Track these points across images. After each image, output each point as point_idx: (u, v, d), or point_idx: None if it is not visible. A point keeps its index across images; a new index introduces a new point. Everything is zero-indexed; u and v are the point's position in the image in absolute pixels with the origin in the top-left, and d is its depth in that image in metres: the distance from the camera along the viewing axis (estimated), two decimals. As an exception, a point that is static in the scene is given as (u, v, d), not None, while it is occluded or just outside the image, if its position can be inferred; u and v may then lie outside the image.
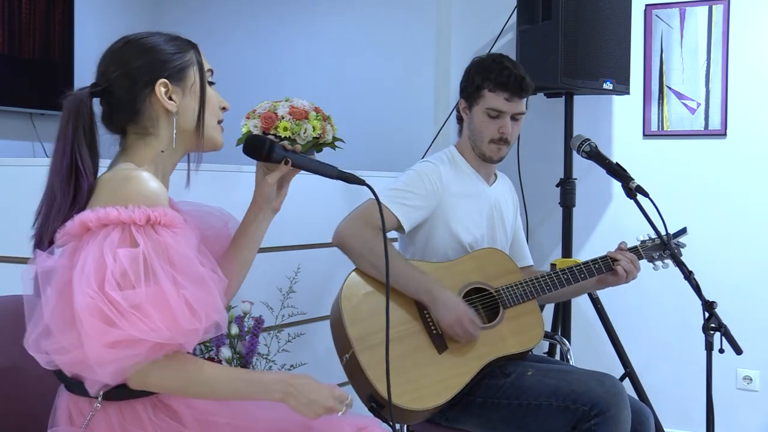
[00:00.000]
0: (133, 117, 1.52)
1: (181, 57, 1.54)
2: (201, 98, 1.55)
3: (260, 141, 1.65)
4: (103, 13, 4.14)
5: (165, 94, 1.51)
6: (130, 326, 1.33)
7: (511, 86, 2.38)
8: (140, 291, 1.35)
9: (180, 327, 1.37)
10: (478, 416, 2.26)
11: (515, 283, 2.35)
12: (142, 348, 1.34)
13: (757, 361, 3.34)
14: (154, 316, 1.34)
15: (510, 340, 2.30)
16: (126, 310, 1.33)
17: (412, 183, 2.37)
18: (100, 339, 1.32)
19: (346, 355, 2.20)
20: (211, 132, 1.58)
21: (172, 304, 1.36)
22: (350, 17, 3.91)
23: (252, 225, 1.72)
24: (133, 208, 1.39)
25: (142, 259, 1.36)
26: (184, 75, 1.53)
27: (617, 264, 2.36)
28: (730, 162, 3.45)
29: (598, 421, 2.09)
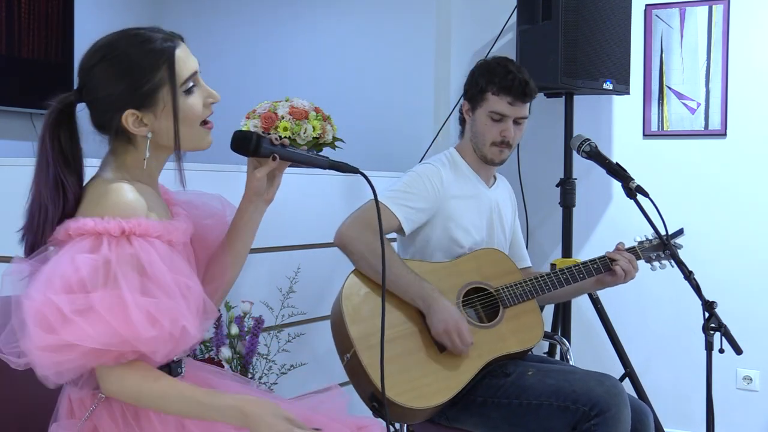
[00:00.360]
0: (112, 134, 1.53)
1: (151, 78, 1.48)
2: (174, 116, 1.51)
3: (246, 137, 1.62)
4: (103, 13, 4.14)
5: (134, 123, 1.49)
6: (68, 332, 1.34)
7: (514, 90, 2.38)
8: (95, 295, 1.36)
9: (135, 332, 1.36)
10: (478, 415, 2.26)
11: (515, 283, 2.35)
12: (76, 353, 1.35)
13: (757, 361, 3.34)
14: (105, 320, 1.35)
15: (510, 339, 2.31)
16: (68, 316, 1.34)
17: (413, 184, 2.37)
18: (34, 342, 1.35)
19: (347, 354, 2.20)
20: (191, 144, 1.56)
21: (129, 310, 1.36)
22: (350, 17, 3.90)
23: (244, 217, 1.71)
24: (108, 220, 1.41)
25: (103, 265, 1.38)
26: (154, 100, 1.49)
27: (615, 264, 2.37)
28: (730, 162, 3.45)
29: (598, 421, 2.09)
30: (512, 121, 2.42)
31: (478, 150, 2.46)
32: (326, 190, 2.98)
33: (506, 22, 3.61)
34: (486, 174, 2.53)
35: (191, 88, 1.53)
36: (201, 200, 1.75)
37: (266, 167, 1.64)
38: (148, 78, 1.48)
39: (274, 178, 1.70)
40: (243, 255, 1.74)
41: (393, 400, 2.11)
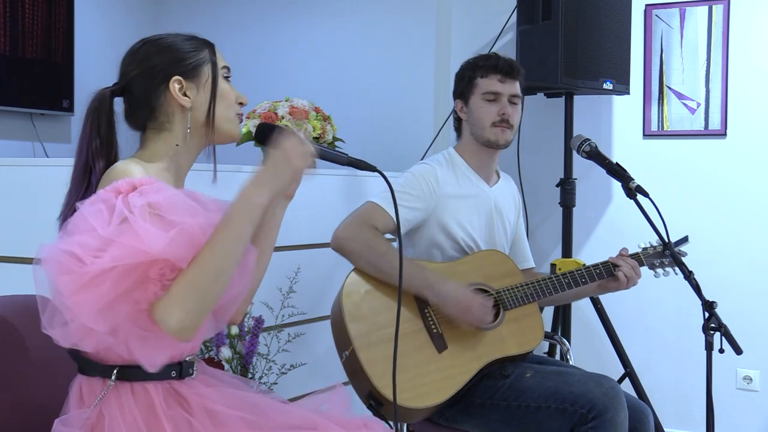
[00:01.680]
0: (150, 113, 1.58)
1: (195, 55, 1.59)
2: (212, 92, 1.59)
3: (269, 128, 1.66)
4: (103, 14, 4.14)
5: (179, 91, 1.56)
6: (90, 266, 1.35)
7: (501, 67, 2.43)
8: (107, 230, 1.38)
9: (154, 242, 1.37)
10: (477, 417, 2.26)
11: (516, 285, 2.35)
12: (108, 281, 1.35)
13: (757, 361, 3.34)
14: (121, 242, 1.36)
15: (510, 341, 2.31)
16: (84, 255, 1.36)
17: (408, 184, 2.37)
18: (66, 292, 1.36)
19: (345, 352, 2.20)
20: (225, 124, 1.62)
21: (138, 228, 1.37)
22: (350, 17, 3.90)
23: (266, 213, 1.69)
24: (116, 183, 1.44)
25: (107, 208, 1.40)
26: (198, 72, 1.59)
27: (618, 270, 2.36)
28: (730, 162, 3.45)
29: (596, 423, 2.09)
30: (507, 100, 2.43)
31: (480, 137, 2.45)
32: (326, 190, 2.98)
33: (506, 22, 3.61)
34: (487, 172, 2.52)
35: (227, 77, 1.65)
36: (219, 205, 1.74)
37: None
38: (193, 54, 1.60)
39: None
40: (268, 253, 1.77)
41: (390, 399, 2.11)
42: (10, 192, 2.32)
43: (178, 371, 1.56)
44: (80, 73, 3.80)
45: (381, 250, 2.23)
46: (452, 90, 2.56)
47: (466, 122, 2.49)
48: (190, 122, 1.58)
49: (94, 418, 1.48)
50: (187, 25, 4.26)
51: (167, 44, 1.60)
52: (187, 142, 1.59)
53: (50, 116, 3.78)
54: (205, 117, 1.59)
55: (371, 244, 2.24)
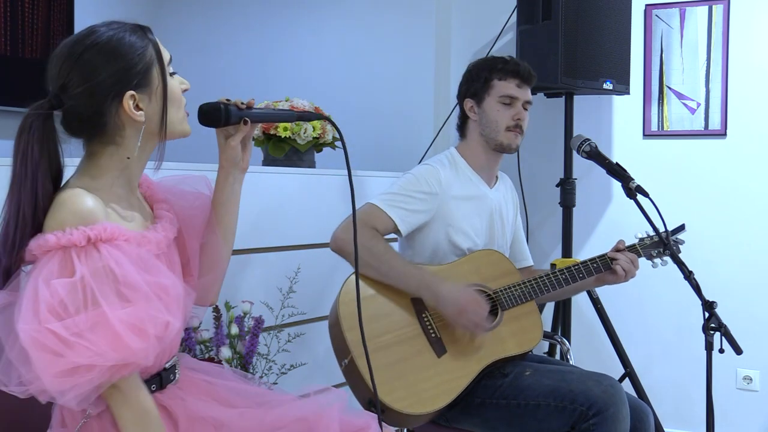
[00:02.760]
0: (99, 129, 1.46)
1: (142, 57, 1.46)
2: (164, 100, 1.48)
3: (215, 110, 1.58)
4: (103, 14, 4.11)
5: (133, 107, 1.45)
6: (75, 355, 1.31)
7: (521, 73, 2.44)
8: (80, 318, 1.32)
9: (128, 347, 1.34)
10: (477, 416, 2.26)
11: (513, 285, 2.34)
12: (95, 372, 1.33)
13: (757, 361, 3.34)
14: (98, 341, 1.32)
15: (509, 341, 2.30)
16: (68, 339, 1.31)
17: (409, 186, 2.36)
18: (50, 370, 1.31)
19: (345, 360, 2.19)
20: (178, 126, 1.53)
21: (116, 329, 1.33)
22: (350, 17, 3.90)
23: (225, 189, 1.67)
24: (71, 231, 1.36)
25: (81, 287, 1.34)
26: (149, 79, 1.47)
27: (616, 263, 2.36)
28: (730, 162, 3.45)
29: (596, 420, 2.09)
30: (522, 106, 2.45)
31: (492, 140, 2.45)
32: (326, 190, 2.98)
33: (506, 22, 3.61)
34: (488, 174, 2.52)
35: (173, 72, 1.53)
36: (186, 186, 1.71)
37: (240, 134, 1.61)
38: (140, 56, 1.46)
39: (245, 144, 1.66)
40: (232, 230, 1.71)
41: (391, 406, 2.11)
42: (10, 192, 2.32)
43: (158, 383, 1.54)
44: (80, 73, 3.79)
45: (379, 252, 2.23)
46: (459, 88, 2.53)
47: (476, 122, 2.48)
48: (143, 135, 1.47)
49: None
50: (186, 25, 4.27)
51: (112, 49, 1.44)
52: (139, 152, 1.50)
53: (50, 116, 3.78)
54: (158, 126, 1.49)
55: (369, 246, 2.23)
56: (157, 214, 1.61)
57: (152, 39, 1.50)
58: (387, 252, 2.24)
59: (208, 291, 1.70)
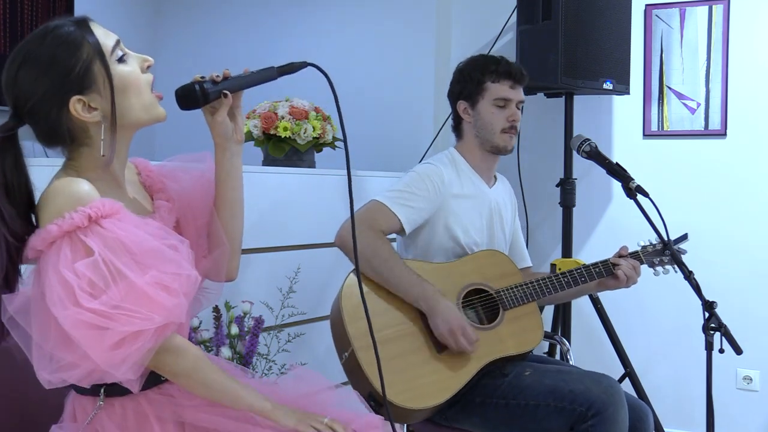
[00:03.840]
0: (66, 137, 1.45)
1: (79, 58, 1.42)
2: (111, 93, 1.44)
3: (190, 91, 1.52)
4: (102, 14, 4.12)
5: (83, 110, 1.43)
6: (121, 325, 1.33)
7: (513, 74, 2.44)
8: (113, 292, 1.35)
9: (164, 307, 1.37)
10: (476, 416, 2.26)
11: (515, 285, 2.35)
12: (145, 338, 1.35)
13: (757, 361, 3.34)
14: (136, 308, 1.35)
15: (509, 341, 2.30)
16: (110, 313, 1.33)
17: (413, 184, 2.37)
18: (101, 345, 1.33)
19: (345, 353, 2.20)
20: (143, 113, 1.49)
21: (147, 292, 1.36)
22: (350, 17, 3.90)
23: (224, 165, 1.65)
24: (70, 215, 1.36)
25: (102, 263, 1.35)
26: (92, 77, 1.42)
27: (618, 268, 2.37)
28: (730, 162, 3.45)
29: (596, 421, 2.09)
30: (515, 106, 2.45)
31: (487, 142, 2.45)
32: (326, 190, 2.98)
33: (506, 22, 3.61)
34: (487, 174, 2.53)
35: (122, 57, 1.47)
36: (186, 166, 1.70)
37: (223, 108, 1.58)
38: (75, 59, 1.42)
39: (235, 116, 1.63)
40: (238, 205, 1.69)
41: (390, 400, 2.11)
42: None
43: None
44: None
45: (384, 256, 2.23)
46: (451, 88, 2.53)
47: (471, 124, 2.48)
48: (104, 134, 1.44)
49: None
50: (186, 25, 4.27)
51: (43, 61, 1.41)
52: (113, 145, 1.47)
53: (50, 116, 3.78)
54: (123, 118, 1.46)
55: (374, 248, 2.24)
56: (156, 205, 1.61)
57: (88, 33, 1.45)
58: (391, 257, 2.25)
59: (220, 266, 1.68)
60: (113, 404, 1.49)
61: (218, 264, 1.67)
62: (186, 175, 1.69)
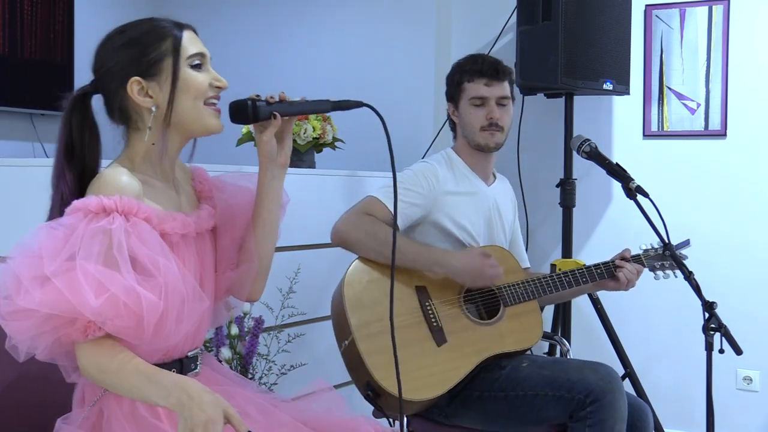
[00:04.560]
0: (121, 113, 1.54)
1: (155, 48, 1.52)
2: (172, 87, 1.52)
3: (242, 106, 1.61)
4: (103, 14, 4.14)
5: (139, 93, 1.51)
6: (20, 298, 1.36)
7: (486, 71, 2.44)
8: (48, 263, 1.37)
9: (83, 300, 1.36)
10: (476, 410, 2.27)
11: (518, 282, 2.36)
12: (33, 320, 1.36)
13: (757, 361, 3.34)
14: (54, 288, 1.35)
15: (508, 338, 2.31)
16: (22, 283, 1.36)
17: (408, 180, 2.38)
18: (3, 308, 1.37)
19: (345, 341, 2.21)
20: (196, 119, 1.55)
21: (77, 278, 1.36)
22: (350, 17, 3.90)
23: (264, 186, 1.69)
24: (90, 197, 1.43)
25: (63, 235, 1.39)
26: (159, 68, 1.51)
27: (620, 271, 2.38)
28: (730, 162, 3.45)
29: (594, 408, 2.11)
30: (495, 103, 2.44)
31: (471, 141, 2.47)
32: (326, 191, 2.99)
33: (506, 22, 3.61)
34: (484, 172, 2.53)
35: (198, 65, 1.55)
36: (238, 182, 1.75)
37: (271, 128, 1.63)
38: (153, 47, 1.52)
39: (283, 139, 1.68)
40: (271, 227, 1.72)
41: (388, 390, 2.13)
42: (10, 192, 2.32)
43: (179, 368, 1.56)
44: (80, 73, 3.80)
45: (381, 236, 2.24)
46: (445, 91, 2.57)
47: (459, 125, 2.52)
48: (152, 122, 1.52)
49: (95, 416, 1.49)
50: (187, 25, 4.27)
51: (128, 39, 1.53)
52: (163, 139, 1.54)
53: (50, 116, 3.78)
54: (175, 114, 1.53)
55: (371, 231, 2.25)
56: (200, 207, 1.66)
57: (178, 33, 1.55)
58: (390, 236, 2.25)
59: (245, 281, 1.70)
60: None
61: (243, 279, 1.69)
62: (235, 189, 1.73)
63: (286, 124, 1.66)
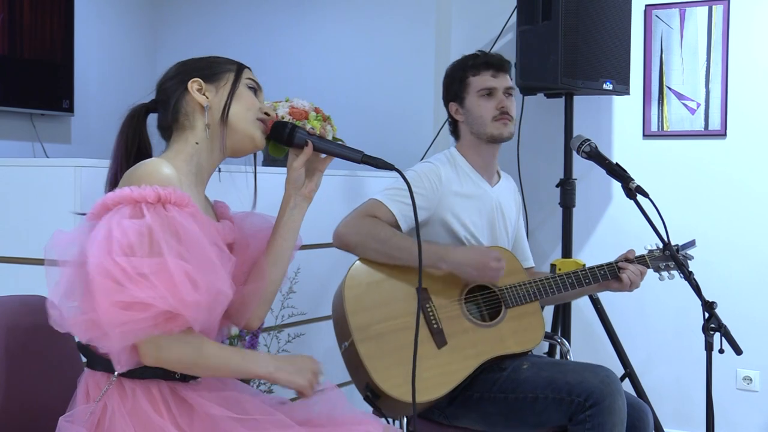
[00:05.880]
0: (173, 115, 1.63)
1: (218, 67, 1.67)
2: (231, 91, 1.64)
3: (281, 125, 1.71)
4: (103, 14, 4.14)
5: (198, 91, 1.63)
6: (138, 290, 1.38)
7: (492, 62, 2.47)
8: (145, 261, 1.40)
9: (182, 298, 1.41)
10: (476, 411, 2.27)
11: (519, 284, 2.35)
12: (150, 313, 1.39)
13: (757, 361, 3.34)
14: (157, 285, 1.39)
15: (509, 340, 2.31)
16: (133, 275, 1.39)
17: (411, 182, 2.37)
18: (110, 298, 1.38)
19: (345, 343, 2.21)
20: (242, 124, 1.65)
21: (174, 276, 1.40)
22: (350, 17, 3.91)
23: (284, 214, 1.75)
24: (144, 187, 1.46)
25: (147, 233, 1.43)
26: (219, 77, 1.65)
27: (624, 272, 2.37)
28: (730, 162, 3.45)
29: (594, 411, 2.10)
30: (503, 93, 2.46)
31: (483, 134, 2.46)
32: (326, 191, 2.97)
33: (506, 22, 3.61)
34: (488, 172, 2.53)
35: (253, 89, 1.69)
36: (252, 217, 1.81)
37: (302, 156, 1.70)
38: (216, 65, 1.68)
39: (313, 174, 1.75)
40: (283, 255, 1.76)
41: (388, 392, 2.13)
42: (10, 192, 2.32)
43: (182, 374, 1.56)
44: (80, 73, 3.80)
45: (384, 237, 2.25)
46: (443, 94, 2.57)
47: (464, 123, 2.50)
48: (208, 119, 1.61)
49: (99, 412, 1.50)
50: (185, 25, 4.27)
51: (193, 58, 1.70)
52: (207, 140, 1.62)
53: (50, 116, 3.78)
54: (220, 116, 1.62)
55: (374, 232, 2.25)
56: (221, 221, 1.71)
57: (241, 64, 1.72)
58: (393, 235, 2.26)
59: (248, 302, 1.72)
60: (124, 386, 1.52)
61: (247, 299, 1.71)
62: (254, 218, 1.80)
63: (320, 161, 1.74)
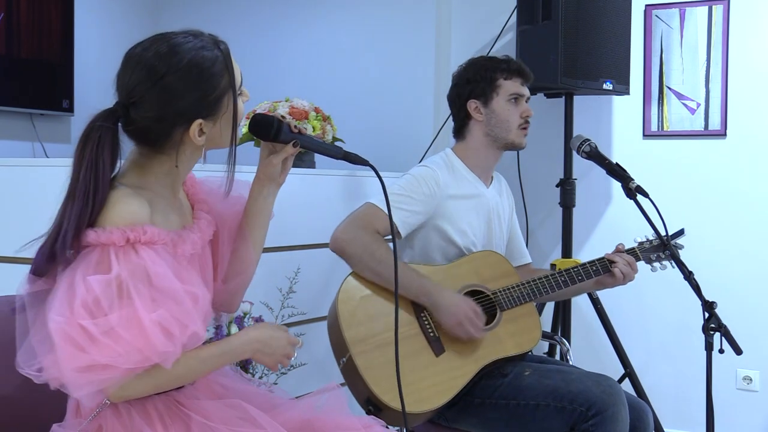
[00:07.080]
0: (158, 145, 1.50)
1: (218, 86, 1.50)
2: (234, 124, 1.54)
3: (268, 121, 1.62)
4: (103, 13, 4.14)
5: (198, 134, 1.49)
6: (99, 352, 1.34)
7: (522, 72, 2.48)
8: (112, 316, 1.35)
9: (154, 348, 1.37)
10: (476, 416, 2.26)
11: (512, 286, 2.34)
12: (114, 372, 1.36)
13: (757, 361, 3.34)
14: (126, 339, 1.35)
15: (507, 342, 2.30)
16: (95, 336, 1.34)
17: (409, 187, 2.36)
18: (70, 363, 1.34)
19: (343, 358, 2.20)
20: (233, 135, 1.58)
21: (145, 327, 1.36)
22: (350, 17, 3.91)
23: (258, 201, 1.70)
24: (111, 230, 1.39)
25: (116, 284, 1.37)
26: (219, 106, 1.51)
27: (614, 266, 2.36)
28: (730, 162, 3.45)
29: (596, 421, 2.09)
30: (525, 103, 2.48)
31: (501, 139, 2.46)
32: (326, 190, 2.98)
33: (506, 22, 3.61)
34: (486, 174, 2.52)
35: (241, 91, 1.57)
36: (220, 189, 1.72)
37: (283, 153, 1.65)
38: (215, 85, 1.49)
39: (286, 163, 1.70)
40: (260, 241, 1.73)
41: (389, 404, 2.11)
42: (10, 192, 2.32)
43: None
44: (80, 73, 3.80)
45: (380, 256, 2.23)
46: (457, 90, 2.49)
47: (481, 123, 2.46)
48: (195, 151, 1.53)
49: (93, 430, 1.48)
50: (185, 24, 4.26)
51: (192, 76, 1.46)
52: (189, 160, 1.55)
53: (50, 116, 3.78)
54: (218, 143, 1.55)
55: (371, 249, 2.23)
56: (196, 215, 1.64)
57: (229, 63, 1.53)
58: (389, 257, 2.24)
59: (234, 296, 1.72)
60: (118, 406, 1.49)
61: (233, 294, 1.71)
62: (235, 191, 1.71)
63: (295, 151, 1.68)
